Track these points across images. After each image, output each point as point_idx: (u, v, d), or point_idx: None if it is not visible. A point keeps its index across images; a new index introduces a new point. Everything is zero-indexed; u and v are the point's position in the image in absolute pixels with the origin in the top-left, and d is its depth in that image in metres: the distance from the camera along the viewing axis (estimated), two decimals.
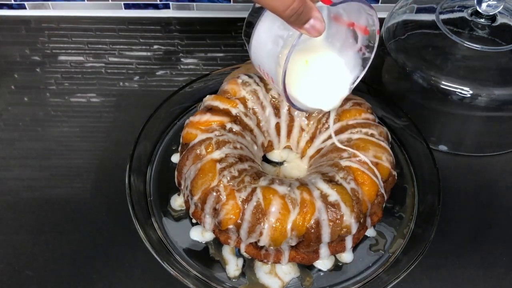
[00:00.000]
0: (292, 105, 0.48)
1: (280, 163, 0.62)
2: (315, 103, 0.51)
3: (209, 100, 0.58)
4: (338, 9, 0.48)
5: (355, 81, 0.52)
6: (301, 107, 0.50)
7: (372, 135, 0.56)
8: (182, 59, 0.76)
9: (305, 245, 0.51)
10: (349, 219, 0.50)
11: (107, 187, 0.61)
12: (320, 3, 0.43)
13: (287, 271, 0.53)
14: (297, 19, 0.41)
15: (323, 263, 0.54)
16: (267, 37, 0.46)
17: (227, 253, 0.55)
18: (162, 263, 0.51)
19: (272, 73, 0.46)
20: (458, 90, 0.60)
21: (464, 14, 0.64)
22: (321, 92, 0.51)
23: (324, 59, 0.51)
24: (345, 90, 0.51)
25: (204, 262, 0.54)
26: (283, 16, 0.41)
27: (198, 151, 0.53)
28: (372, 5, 0.46)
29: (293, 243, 0.50)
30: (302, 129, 0.61)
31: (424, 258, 0.52)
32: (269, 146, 0.62)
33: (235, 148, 0.54)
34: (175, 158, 0.62)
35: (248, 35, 0.47)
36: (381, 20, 0.70)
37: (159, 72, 0.74)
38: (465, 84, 0.60)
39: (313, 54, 0.50)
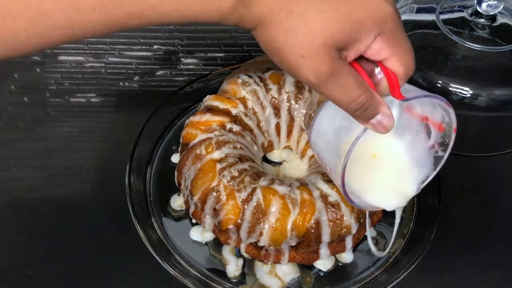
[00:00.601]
0: (351, 202, 0.44)
1: (279, 163, 0.62)
2: (378, 202, 0.46)
3: (209, 100, 0.58)
4: (413, 101, 0.42)
5: (424, 180, 0.46)
6: (361, 204, 0.45)
7: None
8: (182, 59, 0.76)
9: (305, 245, 0.51)
10: (349, 219, 0.50)
11: (107, 187, 0.61)
12: (390, 97, 0.39)
13: (287, 271, 0.53)
14: (362, 113, 0.37)
15: (323, 263, 0.54)
16: (329, 126, 0.42)
17: (227, 253, 0.55)
18: (162, 263, 0.51)
19: (331, 165, 0.42)
20: (458, 90, 0.60)
21: (464, 14, 0.64)
22: (385, 189, 0.46)
23: (391, 154, 0.46)
24: (412, 190, 0.46)
25: (204, 262, 0.54)
26: (347, 110, 0.37)
27: (198, 151, 0.53)
28: (449, 102, 0.41)
29: (293, 243, 0.50)
30: (302, 129, 0.61)
31: (424, 258, 0.52)
32: (269, 146, 0.62)
33: (235, 148, 0.54)
34: (175, 158, 0.62)
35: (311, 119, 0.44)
36: None
37: (159, 72, 0.74)
38: (465, 84, 0.60)
39: (380, 147, 0.45)
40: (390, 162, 0.46)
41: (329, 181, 0.51)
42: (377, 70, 0.38)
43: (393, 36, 0.36)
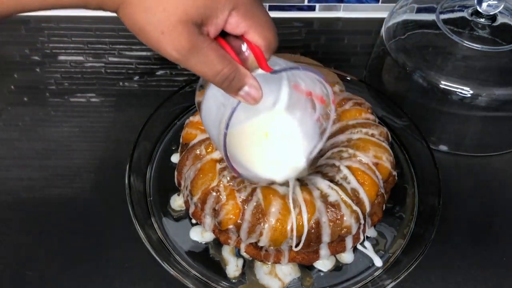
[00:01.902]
0: (238, 175, 0.46)
1: None
2: (272, 175, 0.48)
3: None
4: (296, 78, 0.45)
5: (312, 151, 0.49)
6: (254, 178, 0.48)
7: (372, 135, 0.56)
8: None
9: (305, 245, 0.51)
10: (349, 219, 0.50)
11: (107, 187, 0.61)
12: (280, 74, 0.41)
13: (287, 272, 0.53)
14: (229, 85, 0.39)
15: (323, 263, 0.54)
16: (213, 104, 0.44)
17: (227, 253, 0.54)
18: (162, 263, 0.51)
19: (217, 142, 0.44)
20: (458, 90, 0.60)
21: (464, 14, 0.64)
22: (278, 163, 0.49)
23: (283, 130, 0.48)
24: (302, 161, 0.49)
25: (204, 262, 0.54)
26: (215, 83, 0.39)
27: (198, 151, 0.53)
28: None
29: (293, 244, 0.50)
30: None
31: (424, 258, 0.52)
32: None
33: None
34: (175, 158, 0.62)
35: (200, 100, 0.45)
36: (381, 20, 0.70)
37: (159, 72, 0.74)
38: (465, 84, 0.60)
39: (274, 124, 0.48)
40: (282, 139, 0.48)
41: (329, 181, 0.51)
42: (244, 46, 0.40)
43: (248, 10, 0.38)
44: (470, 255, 0.57)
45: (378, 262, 0.54)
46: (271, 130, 0.48)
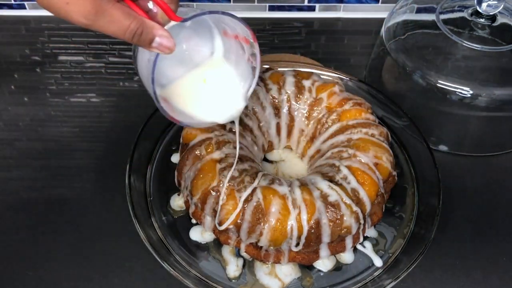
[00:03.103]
0: (178, 122, 0.47)
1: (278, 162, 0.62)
2: (214, 118, 0.50)
3: None
4: (221, 24, 0.48)
5: (248, 90, 0.51)
6: (194, 124, 0.50)
7: (372, 135, 0.56)
8: None
9: (305, 245, 0.51)
10: (349, 219, 0.50)
11: (107, 187, 0.61)
12: (172, 22, 0.43)
13: (287, 272, 0.53)
14: (140, 39, 0.41)
15: (323, 263, 0.54)
16: (143, 62, 0.46)
17: (227, 253, 0.55)
18: (162, 263, 0.51)
19: (152, 95, 0.46)
20: (458, 90, 0.60)
21: (464, 14, 0.64)
22: (218, 107, 0.50)
23: (220, 75, 0.51)
24: (241, 102, 0.51)
25: (204, 262, 0.54)
26: (127, 40, 0.41)
27: (198, 151, 0.53)
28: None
29: (293, 244, 0.50)
30: (302, 130, 0.61)
31: (424, 258, 0.52)
32: (269, 147, 0.62)
33: (235, 148, 0.54)
34: (175, 158, 0.62)
35: (135, 62, 0.47)
36: (381, 20, 0.70)
37: None
38: (465, 84, 0.60)
39: (212, 71, 0.50)
40: (220, 83, 0.50)
41: (329, 181, 0.51)
42: (151, 4, 0.42)
43: None
44: (470, 255, 0.57)
45: (378, 262, 0.54)
46: (208, 77, 0.50)
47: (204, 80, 0.50)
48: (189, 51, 0.49)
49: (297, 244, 0.50)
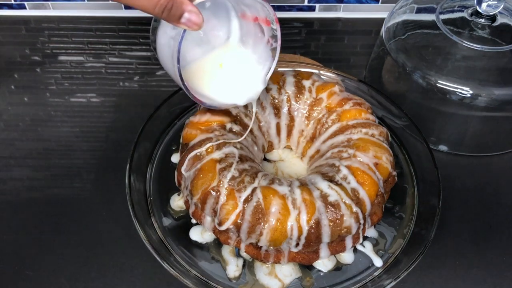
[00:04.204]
0: (201, 103, 0.49)
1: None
2: (233, 100, 0.51)
3: None
4: (241, 6, 0.48)
5: (267, 73, 0.52)
6: (215, 104, 0.51)
7: (372, 135, 0.56)
8: None
9: (305, 245, 0.51)
10: (349, 219, 0.50)
11: (107, 187, 0.61)
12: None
13: (287, 273, 0.53)
14: (169, 15, 0.41)
15: (323, 263, 0.54)
16: (164, 41, 0.46)
17: (227, 253, 0.55)
18: (162, 263, 0.51)
19: (173, 75, 0.46)
20: (458, 90, 0.60)
21: (464, 14, 0.64)
22: (236, 89, 0.52)
23: (237, 59, 0.51)
24: (260, 84, 0.52)
25: (204, 262, 0.54)
26: (156, 15, 0.42)
27: (198, 151, 0.53)
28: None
29: (293, 244, 0.50)
30: (302, 130, 0.61)
31: (424, 258, 0.52)
32: (269, 147, 0.62)
33: (235, 148, 0.54)
34: (175, 158, 0.62)
35: (154, 43, 0.48)
36: (381, 20, 0.70)
37: (159, 72, 0.74)
38: (465, 84, 0.60)
39: (229, 56, 0.51)
40: (237, 67, 0.51)
41: (329, 181, 0.51)
42: None
43: None
44: (470, 255, 0.57)
45: (378, 262, 0.54)
46: (225, 61, 0.51)
47: (221, 65, 0.50)
48: (207, 34, 0.50)
49: (297, 244, 0.50)
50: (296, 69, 0.65)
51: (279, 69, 0.64)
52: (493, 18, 0.63)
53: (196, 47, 0.48)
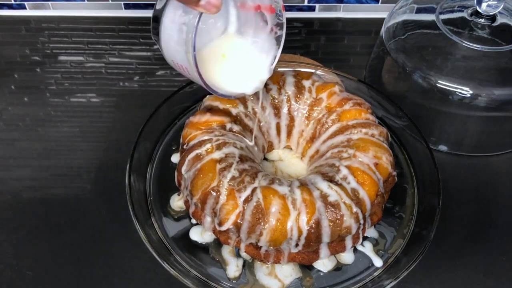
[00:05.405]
0: (214, 92, 0.48)
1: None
2: (240, 89, 0.51)
3: (209, 100, 0.58)
4: None
5: (273, 62, 0.52)
6: (224, 93, 0.51)
7: (372, 135, 0.56)
8: None
9: (305, 245, 0.51)
10: (349, 219, 0.50)
11: (107, 187, 0.61)
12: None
13: (287, 273, 0.53)
14: None
15: (323, 263, 0.54)
16: (173, 28, 0.45)
17: (227, 253, 0.55)
18: (162, 263, 0.51)
19: (185, 63, 0.46)
20: (458, 90, 0.60)
21: (464, 14, 0.64)
22: (241, 79, 0.52)
23: (237, 50, 0.51)
24: (265, 73, 0.52)
25: (204, 262, 0.54)
26: None
27: (198, 151, 0.53)
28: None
29: (293, 244, 0.50)
30: (302, 130, 0.61)
31: (424, 258, 0.52)
32: (269, 147, 0.62)
33: (235, 148, 0.54)
34: (175, 158, 0.62)
35: (157, 32, 0.47)
36: (381, 20, 0.70)
37: (159, 72, 0.74)
38: (465, 84, 0.60)
39: (229, 46, 0.51)
40: (239, 57, 0.51)
41: (329, 181, 0.51)
42: None
43: None
44: (470, 255, 0.57)
45: (378, 262, 0.54)
46: (227, 52, 0.51)
47: (223, 55, 0.50)
48: (206, 25, 0.50)
49: (297, 245, 0.50)
50: (296, 69, 0.65)
51: (279, 69, 0.64)
52: (493, 18, 0.63)
53: (198, 36, 0.48)
